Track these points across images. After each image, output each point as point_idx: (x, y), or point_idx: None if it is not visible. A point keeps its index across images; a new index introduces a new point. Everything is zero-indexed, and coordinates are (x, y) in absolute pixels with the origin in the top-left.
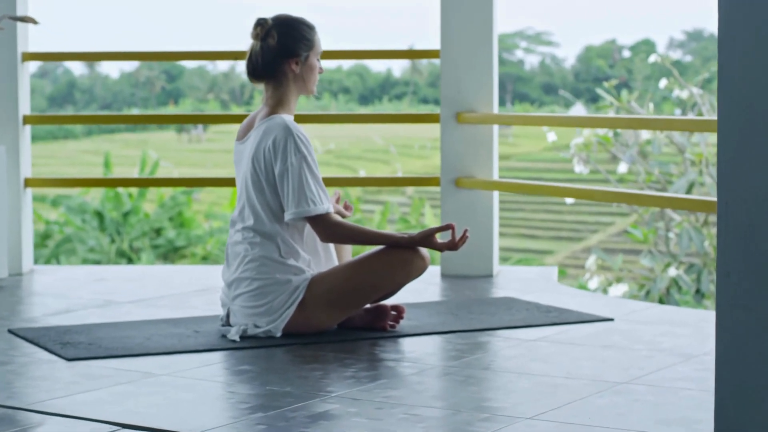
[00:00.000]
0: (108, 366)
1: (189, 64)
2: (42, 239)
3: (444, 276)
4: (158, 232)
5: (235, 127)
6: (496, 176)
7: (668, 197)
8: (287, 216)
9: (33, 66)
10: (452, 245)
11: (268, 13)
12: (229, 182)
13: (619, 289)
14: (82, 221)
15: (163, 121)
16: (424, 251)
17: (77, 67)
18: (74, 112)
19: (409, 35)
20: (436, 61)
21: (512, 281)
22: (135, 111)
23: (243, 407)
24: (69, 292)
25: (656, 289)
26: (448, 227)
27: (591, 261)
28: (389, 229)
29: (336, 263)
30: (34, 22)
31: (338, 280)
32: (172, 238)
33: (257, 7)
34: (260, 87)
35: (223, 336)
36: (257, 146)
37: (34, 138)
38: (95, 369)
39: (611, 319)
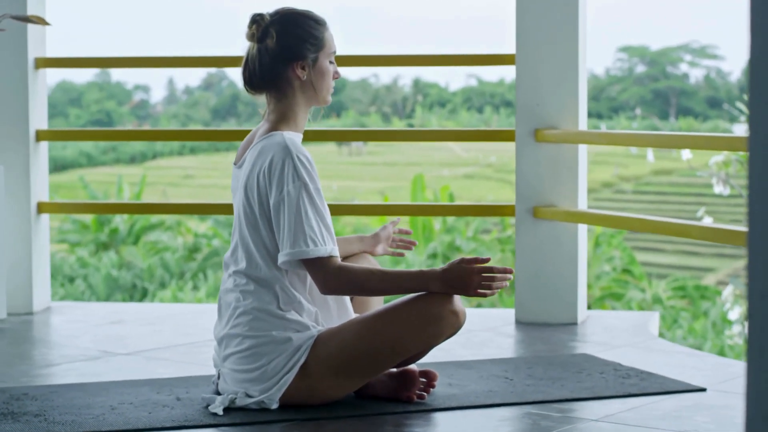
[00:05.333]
0: None
1: (351, 76)
2: (190, 252)
3: (518, 323)
4: None
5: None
6: (582, 206)
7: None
8: (281, 258)
9: (197, 79)
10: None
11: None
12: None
13: None
14: (230, 234)
15: (193, 138)
16: (459, 304)
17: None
18: (237, 125)
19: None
20: (600, 73)
21: (598, 332)
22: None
23: None
24: (68, 340)
25: None
26: (485, 261)
27: (728, 291)
28: None
29: (352, 316)
30: (44, 23)
31: (349, 339)
32: None
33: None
34: (262, 99)
35: (207, 406)
36: (250, 171)
37: (196, 150)
38: None
39: (703, 389)
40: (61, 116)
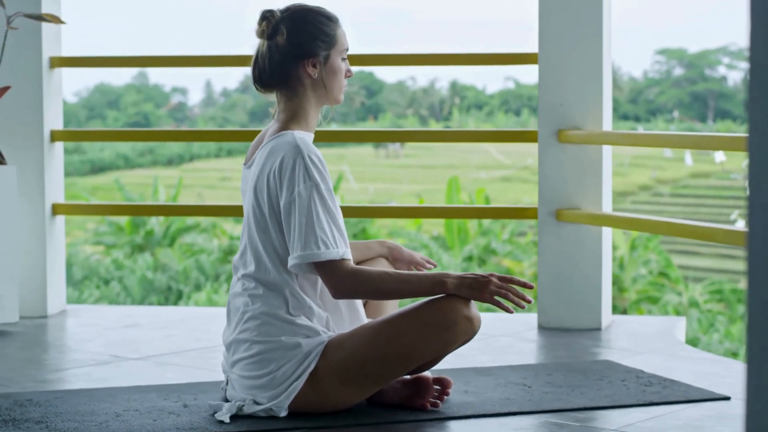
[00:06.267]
0: None
1: (389, 79)
2: (225, 254)
3: (541, 328)
4: None
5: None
6: (607, 209)
7: None
8: (291, 261)
9: (234, 81)
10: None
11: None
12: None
13: None
14: None
15: (203, 138)
16: (473, 310)
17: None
18: None
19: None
20: (638, 76)
21: (622, 337)
22: (334, 126)
23: None
24: (79, 344)
25: None
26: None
27: None
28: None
29: (364, 322)
30: (58, 21)
31: (360, 345)
32: None
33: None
34: (272, 98)
35: (214, 414)
36: (260, 172)
37: (233, 152)
38: None
39: (727, 398)
40: (99, 118)
